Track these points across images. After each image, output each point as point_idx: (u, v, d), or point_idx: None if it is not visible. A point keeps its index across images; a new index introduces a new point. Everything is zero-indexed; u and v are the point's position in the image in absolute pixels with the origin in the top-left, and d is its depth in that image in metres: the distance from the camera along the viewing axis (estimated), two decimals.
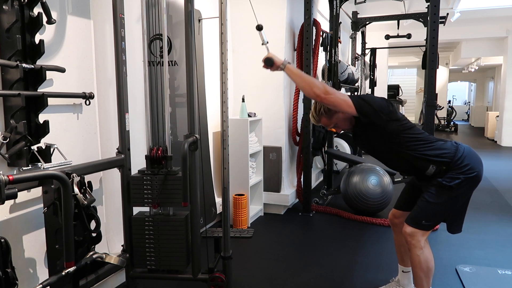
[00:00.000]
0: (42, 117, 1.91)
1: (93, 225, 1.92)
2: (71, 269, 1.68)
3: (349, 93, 6.54)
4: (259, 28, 2.16)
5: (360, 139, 2.18)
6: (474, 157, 2.01)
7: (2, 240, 1.54)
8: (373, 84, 7.76)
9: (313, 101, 2.20)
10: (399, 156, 2.05)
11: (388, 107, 2.00)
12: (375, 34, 8.11)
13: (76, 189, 1.73)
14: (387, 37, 6.85)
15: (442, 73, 14.87)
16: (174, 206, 2.29)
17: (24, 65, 1.78)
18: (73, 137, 2.19)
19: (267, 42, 2.16)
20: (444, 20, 5.55)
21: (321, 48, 4.31)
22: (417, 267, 2.04)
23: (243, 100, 3.71)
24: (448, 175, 1.97)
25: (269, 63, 2.04)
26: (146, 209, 2.37)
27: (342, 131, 5.28)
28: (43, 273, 1.95)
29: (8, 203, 1.80)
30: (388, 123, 1.99)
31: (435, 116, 7.93)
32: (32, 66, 1.83)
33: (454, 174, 1.96)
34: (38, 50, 1.86)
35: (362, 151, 6.43)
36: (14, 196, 1.48)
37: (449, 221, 2.11)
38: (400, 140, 2.01)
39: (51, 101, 1.93)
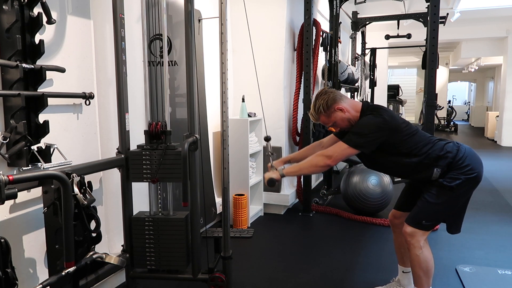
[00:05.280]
0: (42, 117, 1.91)
1: (93, 225, 1.92)
2: (71, 269, 1.68)
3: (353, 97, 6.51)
4: (267, 139, 2.29)
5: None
6: (474, 158, 2.02)
7: (2, 240, 1.54)
8: (373, 84, 7.75)
9: (312, 98, 2.20)
10: (403, 165, 2.05)
11: (384, 120, 1.97)
12: (375, 34, 8.09)
13: (76, 189, 1.72)
14: (387, 37, 6.85)
15: (442, 73, 14.87)
16: (173, 181, 2.28)
17: (24, 65, 1.78)
18: (73, 137, 2.18)
19: (272, 153, 2.26)
20: (444, 20, 5.54)
21: (321, 48, 4.31)
22: (417, 266, 2.04)
23: (243, 100, 3.71)
24: (449, 175, 1.98)
25: (272, 183, 2.08)
26: (146, 209, 2.37)
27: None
28: (43, 273, 1.95)
29: (8, 203, 1.80)
30: (390, 137, 1.99)
31: (435, 116, 7.92)
32: (32, 66, 1.83)
33: (455, 174, 1.97)
34: (38, 50, 1.86)
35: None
36: (14, 196, 1.48)
37: (449, 222, 2.11)
38: (403, 149, 2.01)
39: (51, 101, 1.93)
